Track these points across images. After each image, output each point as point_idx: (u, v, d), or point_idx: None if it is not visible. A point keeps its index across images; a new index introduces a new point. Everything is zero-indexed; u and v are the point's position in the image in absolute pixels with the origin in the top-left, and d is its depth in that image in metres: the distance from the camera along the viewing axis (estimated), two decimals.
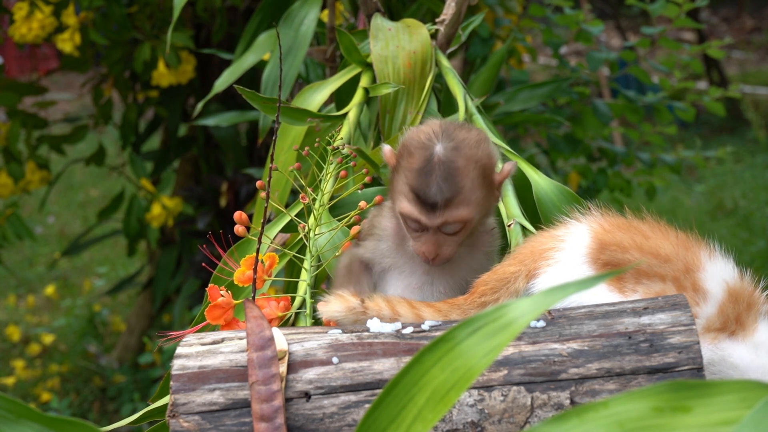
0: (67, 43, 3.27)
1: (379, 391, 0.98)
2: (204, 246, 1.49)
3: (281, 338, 1.13)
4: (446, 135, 1.32)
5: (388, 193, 1.42)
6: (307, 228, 1.41)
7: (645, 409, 0.82)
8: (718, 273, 1.19)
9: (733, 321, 1.17)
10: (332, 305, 1.22)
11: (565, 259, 1.22)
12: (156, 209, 3.79)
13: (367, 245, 1.41)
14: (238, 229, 1.35)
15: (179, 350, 1.14)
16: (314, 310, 1.36)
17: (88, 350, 4.84)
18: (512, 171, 1.37)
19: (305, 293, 1.39)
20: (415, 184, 1.29)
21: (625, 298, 1.18)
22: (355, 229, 1.41)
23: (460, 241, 1.34)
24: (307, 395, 1.10)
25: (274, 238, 1.51)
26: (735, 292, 1.18)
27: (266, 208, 1.34)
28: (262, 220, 1.33)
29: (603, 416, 0.82)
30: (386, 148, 1.38)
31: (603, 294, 1.19)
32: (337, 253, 1.42)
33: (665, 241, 1.20)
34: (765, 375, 1.14)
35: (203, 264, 1.45)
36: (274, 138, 1.38)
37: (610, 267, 1.18)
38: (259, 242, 1.32)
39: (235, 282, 1.34)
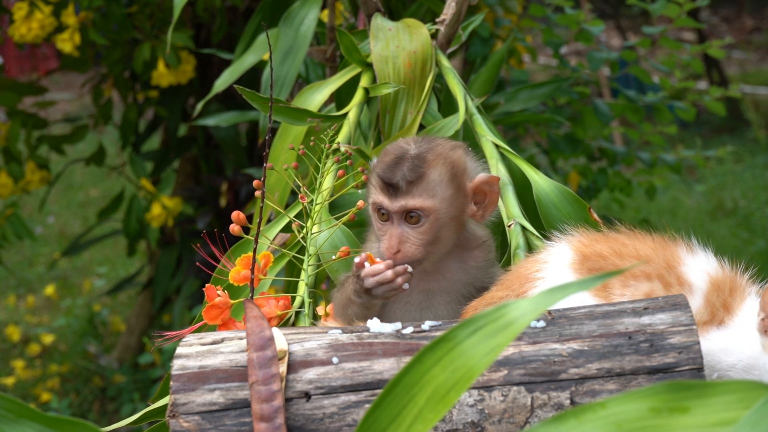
0: (67, 43, 3.27)
1: (379, 391, 0.98)
2: (201, 245, 1.49)
3: (281, 338, 1.13)
4: (425, 141, 1.36)
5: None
6: (305, 228, 1.41)
7: (643, 410, 0.82)
8: (699, 266, 1.23)
9: (721, 308, 1.20)
10: None
11: (551, 275, 1.25)
12: (156, 209, 3.79)
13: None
14: (234, 228, 1.35)
15: (179, 350, 1.14)
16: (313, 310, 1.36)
17: (88, 350, 4.84)
18: (487, 182, 1.37)
19: (304, 293, 1.39)
20: (382, 172, 1.33)
21: None
22: (345, 251, 1.41)
23: (427, 239, 1.33)
24: (307, 395, 1.10)
25: (273, 239, 1.51)
26: (718, 281, 1.21)
27: (262, 208, 1.34)
28: (258, 220, 1.33)
29: (601, 417, 0.82)
30: (375, 159, 1.42)
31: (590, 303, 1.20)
32: (335, 257, 1.41)
33: (643, 245, 1.24)
34: (753, 352, 1.16)
35: (198, 264, 1.45)
36: (267, 137, 1.38)
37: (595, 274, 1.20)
38: (256, 242, 1.32)
39: (231, 281, 1.34)
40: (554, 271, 1.25)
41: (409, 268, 1.31)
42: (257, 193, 1.36)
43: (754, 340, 1.16)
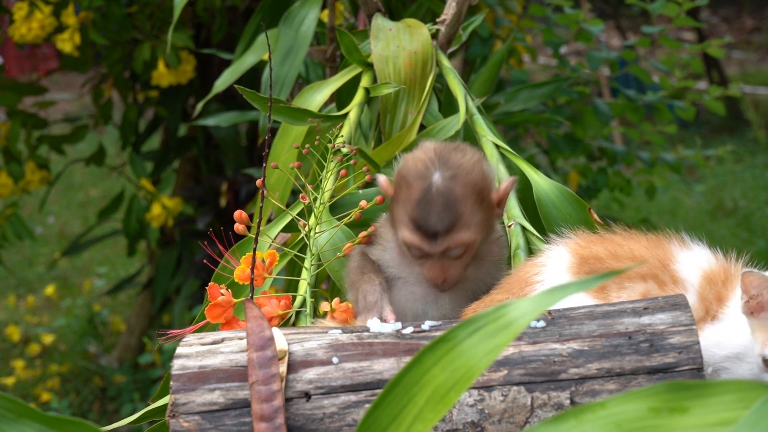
0: (67, 43, 3.27)
1: (379, 391, 0.98)
2: (205, 243, 1.49)
3: (281, 338, 1.13)
4: (442, 162, 1.32)
5: (388, 215, 1.41)
6: (307, 227, 1.41)
7: (643, 410, 0.82)
8: (692, 261, 1.23)
9: (714, 301, 1.21)
10: None
11: (550, 278, 1.25)
12: (156, 209, 3.79)
13: (373, 252, 1.41)
14: (238, 227, 1.36)
15: (179, 350, 1.14)
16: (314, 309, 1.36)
17: (88, 350, 4.84)
18: (510, 188, 1.38)
19: (306, 292, 1.39)
20: (415, 214, 1.30)
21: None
22: (363, 235, 1.41)
23: (467, 262, 1.33)
24: (307, 395, 1.10)
25: (275, 238, 1.52)
26: (710, 274, 1.22)
27: (261, 207, 1.34)
28: (258, 219, 1.33)
29: (601, 417, 0.82)
30: (381, 178, 1.38)
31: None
32: (339, 254, 1.42)
33: (638, 245, 1.25)
34: (743, 340, 1.17)
35: (204, 261, 1.45)
36: (267, 137, 1.38)
37: None
38: (256, 241, 1.32)
39: (236, 279, 1.34)
40: (552, 274, 1.26)
41: None
42: (260, 193, 1.36)
43: (744, 327, 1.17)
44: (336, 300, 1.40)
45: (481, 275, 1.39)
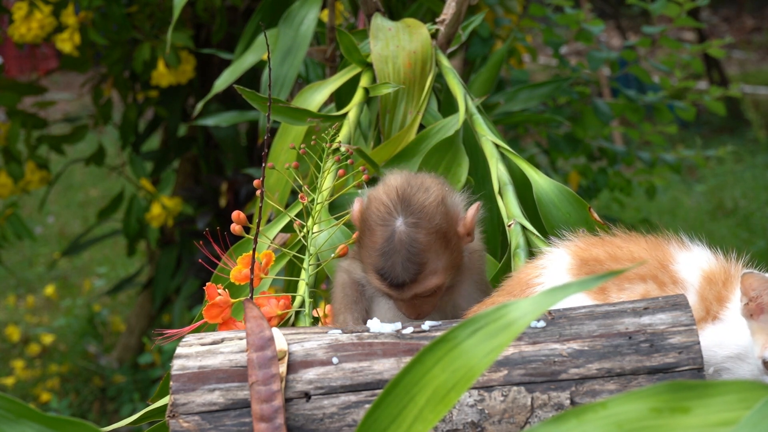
0: (67, 43, 3.27)
1: (379, 392, 0.97)
2: (204, 242, 1.49)
3: (281, 338, 1.13)
4: (405, 206, 1.29)
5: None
6: (306, 227, 1.41)
7: (644, 410, 0.82)
8: (691, 262, 1.23)
9: (715, 302, 1.20)
10: None
11: (550, 280, 1.25)
12: (156, 209, 3.78)
13: (354, 267, 1.39)
14: (235, 227, 1.35)
15: (179, 350, 1.14)
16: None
17: (88, 350, 4.84)
18: (476, 216, 1.34)
19: (304, 293, 1.39)
20: (379, 265, 1.28)
21: None
22: (343, 250, 1.40)
23: (439, 296, 1.34)
24: (307, 395, 1.10)
25: (273, 238, 1.51)
26: (710, 274, 1.22)
27: (261, 207, 1.34)
28: (258, 220, 1.33)
29: (602, 417, 0.82)
30: (356, 204, 1.35)
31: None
32: (334, 255, 1.42)
33: (637, 247, 1.25)
34: (743, 341, 1.17)
35: (200, 261, 1.45)
36: (266, 137, 1.38)
37: None
38: (255, 241, 1.32)
39: (232, 280, 1.34)
40: (553, 276, 1.26)
41: None
42: (258, 193, 1.36)
43: (744, 328, 1.17)
44: (329, 307, 1.40)
45: (459, 288, 1.38)
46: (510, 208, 1.52)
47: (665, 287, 1.21)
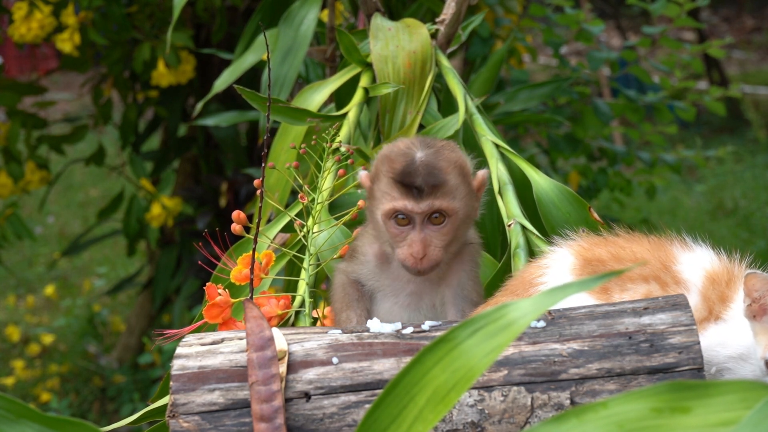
0: (67, 43, 3.27)
1: (379, 392, 0.97)
2: (204, 243, 1.49)
3: (281, 338, 1.13)
4: (424, 144, 1.35)
5: (366, 217, 1.42)
6: (306, 227, 1.41)
7: (644, 410, 0.82)
8: (694, 262, 1.23)
9: (717, 302, 1.20)
10: None
11: (553, 280, 1.26)
12: (156, 209, 3.78)
13: (354, 267, 1.41)
14: (235, 227, 1.36)
15: (179, 350, 1.14)
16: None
17: (88, 350, 4.84)
18: (486, 178, 1.40)
19: (305, 292, 1.39)
20: (400, 177, 1.31)
21: None
22: (344, 249, 1.41)
23: (448, 240, 1.33)
24: (307, 395, 1.10)
25: (273, 238, 1.51)
26: (713, 274, 1.22)
27: (260, 207, 1.34)
28: (258, 220, 1.33)
29: (602, 417, 0.82)
30: (362, 173, 1.40)
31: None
32: (336, 255, 1.42)
33: (640, 247, 1.26)
34: (746, 341, 1.17)
35: (200, 262, 1.46)
36: (266, 137, 1.38)
37: None
38: (255, 241, 1.32)
39: (232, 280, 1.34)
40: (556, 275, 1.26)
41: None
42: (259, 193, 1.36)
43: (747, 328, 1.17)
44: (329, 309, 1.40)
45: (456, 281, 1.39)
46: (510, 207, 1.52)
47: (667, 288, 1.21)
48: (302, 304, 1.39)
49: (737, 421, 0.80)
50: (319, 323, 1.42)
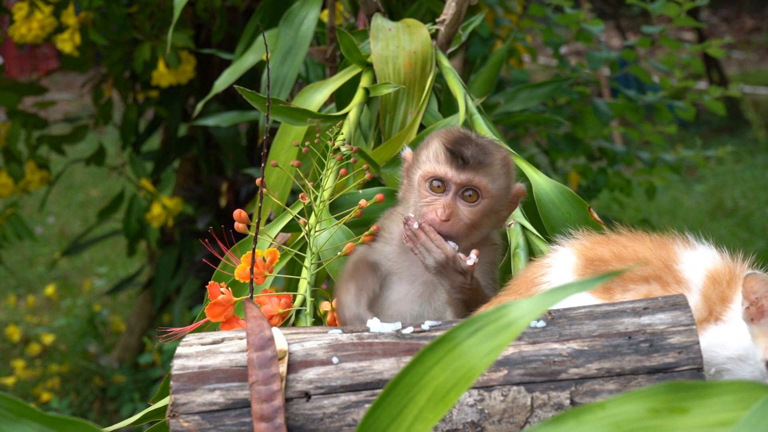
0: (67, 43, 3.27)
1: (379, 391, 0.98)
2: (206, 240, 1.50)
3: (281, 338, 1.13)
4: (474, 134, 1.41)
5: (400, 195, 1.42)
6: (308, 226, 1.41)
7: (642, 410, 0.82)
8: (696, 261, 1.23)
9: (718, 302, 1.20)
10: None
11: (556, 279, 1.26)
12: (156, 209, 3.79)
13: (375, 247, 1.41)
14: (239, 225, 1.36)
15: (179, 350, 1.14)
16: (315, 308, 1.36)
17: (88, 350, 4.84)
18: (523, 191, 1.43)
19: (306, 291, 1.40)
20: (452, 144, 1.35)
21: None
22: (367, 238, 1.41)
23: (475, 220, 1.34)
24: (307, 395, 1.10)
25: (275, 237, 1.52)
26: (714, 274, 1.22)
27: (260, 207, 1.34)
28: (258, 219, 1.33)
29: (600, 417, 0.82)
30: (407, 150, 1.43)
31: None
32: (339, 253, 1.42)
33: (642, 246, 1.26)
34: (744, 343, 1.17)
35: (204, 260, 1.46)
36: (266, 137, 1.38)
37: None
38: (255, 240, 1.32)
39: (237, 278, 1.35)
40: (559, 275, 1.26)
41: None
42: (260, 191, 1.36)
43: (746, 330, 1.16)
44: (336, 300, 1.40)
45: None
46: None
47: (669, 287, 1.21)
48: (303, 303, 1.39)
49: (735, 421, 0.80)
50: (329, 316, 1.41)
